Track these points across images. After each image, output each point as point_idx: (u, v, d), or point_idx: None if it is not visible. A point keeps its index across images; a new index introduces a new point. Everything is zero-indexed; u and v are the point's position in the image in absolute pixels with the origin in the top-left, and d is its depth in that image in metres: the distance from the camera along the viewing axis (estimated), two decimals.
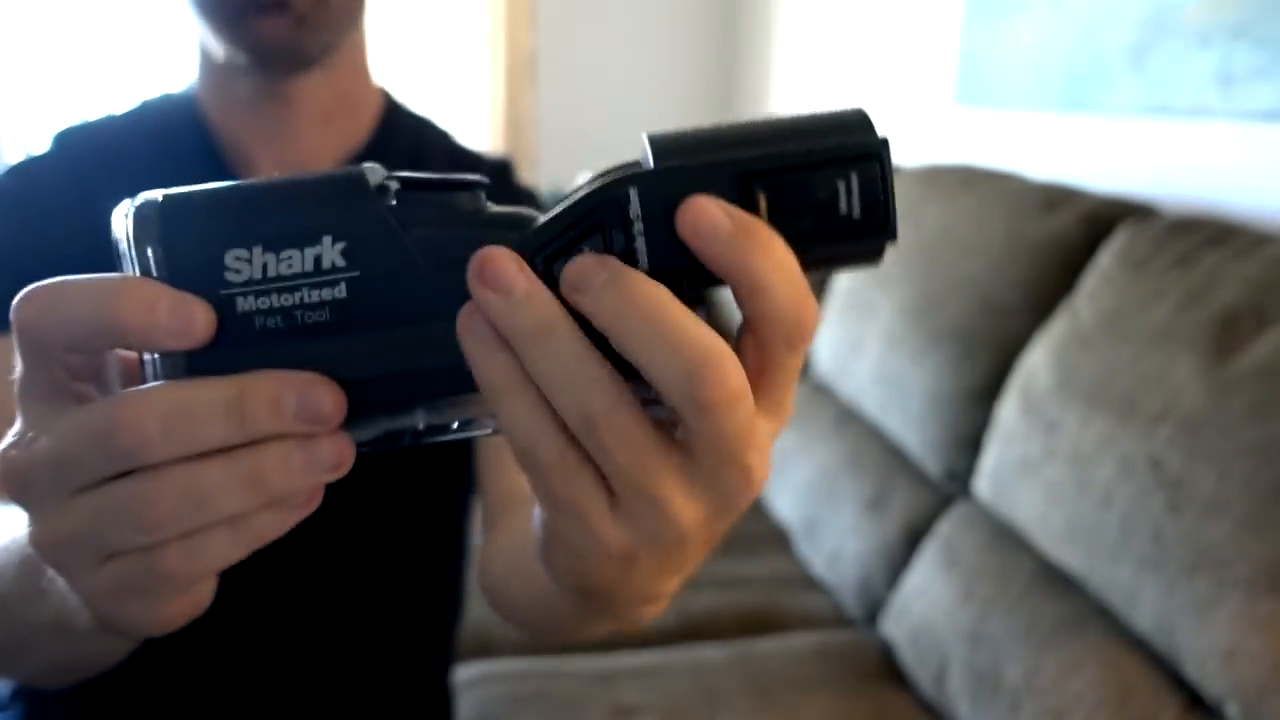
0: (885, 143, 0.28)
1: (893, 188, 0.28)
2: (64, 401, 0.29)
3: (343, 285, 0.28)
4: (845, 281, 1.67)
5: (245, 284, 0.28)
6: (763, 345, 0.27)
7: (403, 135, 0.76)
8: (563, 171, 2.81)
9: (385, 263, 0.28)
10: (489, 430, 0.31)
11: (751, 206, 0.28)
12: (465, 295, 0.28)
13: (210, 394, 0.27)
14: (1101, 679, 0.95)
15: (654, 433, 0.27)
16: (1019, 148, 1.71)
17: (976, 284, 1.32)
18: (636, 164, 0.29)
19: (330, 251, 0.28)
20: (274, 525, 0.29)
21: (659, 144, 0.29)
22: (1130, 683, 0.94)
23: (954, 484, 1.33)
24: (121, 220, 0.29)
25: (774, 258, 0.27)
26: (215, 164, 0.70)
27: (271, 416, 0.28)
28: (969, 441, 1.29)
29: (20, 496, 0.30)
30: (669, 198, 0.28)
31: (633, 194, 0.28)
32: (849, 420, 1.59)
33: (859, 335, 1.56)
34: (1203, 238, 1.06)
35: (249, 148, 0.71)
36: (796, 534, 1.59)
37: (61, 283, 0.28)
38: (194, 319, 0.28)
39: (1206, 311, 0.97)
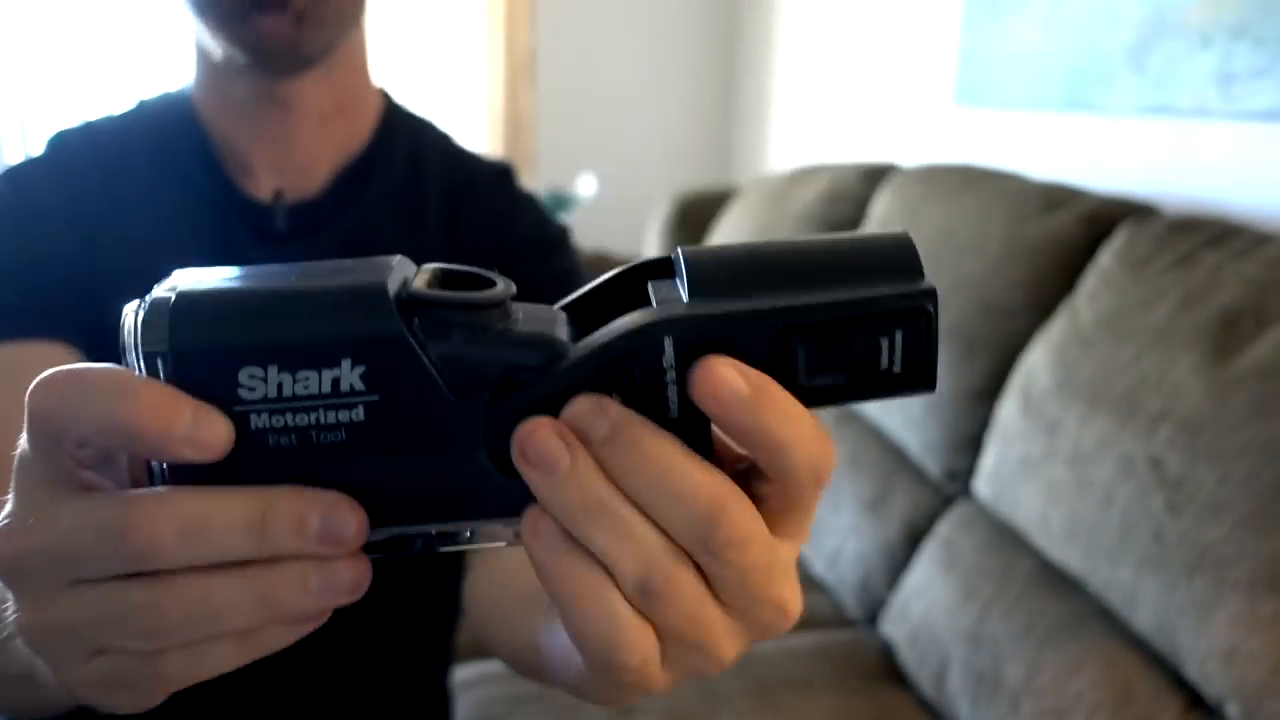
0: (933, 293, 0.27)
1: (937, 342, 0.28)
2: (68, 488, 0.28)
3: (361, 409, 0.27)
4: None
5: (259, 401, 0.27)
6: (784, 491, 0.28)
7: (402, 138, 0.76)
8: (562, 172, 2.81)
9: (406, 388, 0.27)
10: (502, 543, 0.31)
11: (788, 360, 0.27)
12: (484, 422, 0.28)
13: (232, 506, 0.27)
14: (1101, 679, 0.95)
15: (703, 587, 0.28)
16: (1019, 148, 1.71)
17: (976, 284, 1.32)
18: (666, 267, 0.28)
19: (349, 374, 0.27)
20: (281, 639, 0.29)
21: (695, 270, 0.27)
22: (1130, 683, 0.94)
23: (954, 484, 1.33)
24: (130, 319, 0.27)
25: (791, 420, 0.26)
26: (211, 167, 0.70)
27: (294, 536, 0.27)
28: (969, 441, 1.29)
29: (10, 579, 0.28)
30: (705, 346, 0.27)
31: (668, 343, 0.27)
32: (849, 420, 1.59)
33: None
34: (1203, 238, 1.06)
35: (246, 150, 0.70)
36: None
37: (81, 373, 0.27)
38: (215, 434, 0.26)
39: (1207, 311, 0.97)
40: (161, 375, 0.27)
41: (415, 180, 0.75)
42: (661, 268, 0.30)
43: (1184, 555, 0.88)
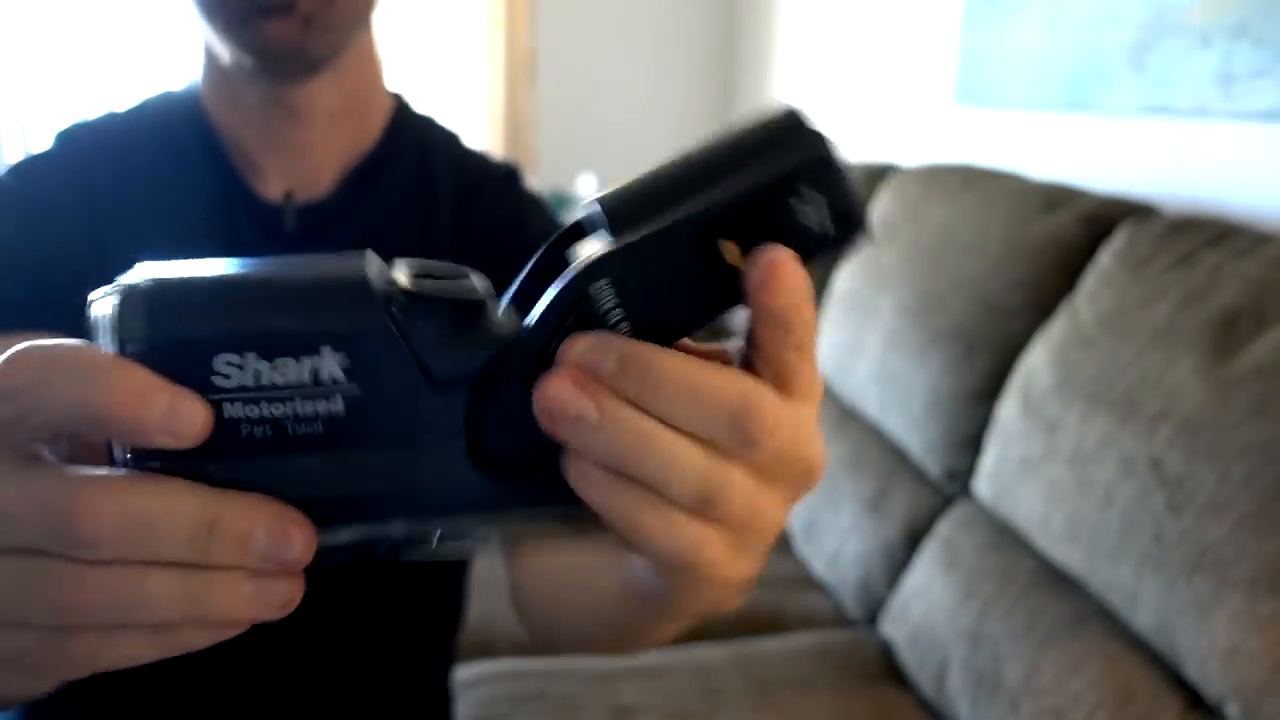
0: (822, 140, 0.27)
1: (851, 183, 0.27)
2: (11, 456, 0.27)
3: (339, 399, 0.27)
4: (845, 282, 1.67)
5: (235, 390, 0.26)
6: (789, 358, 0.28)
7: (410, 139, 0.75)
8: (562, 172, 2.81)
9: (386, 379, 0.27)
10: (470, 545, 0.30)
11: (719, 258, 0.27)
12: (464, 416, 0.28)
13: (181, 510, 0.26)
14: (1101, 679, 0.95)
15: (750, 476, 0.29)
16: (1019, 148, 1.71)
17: (976, 284, 1.32)
18: (593, 222, 0.29)
19: (329, 363, 0.26)
20: (199, 641, 0.28)
21: (610, 212, 0.28)
22: (1130, 683, 0.94)
23: (954, 484, 1.33)
24: (103, 304, 0.26)
25: (799, 286, 0.27)
26: (220, 166, 0.70)
27: (237, 550, 0.26)
28: (969, 441, 1.29)
29: None
30: (638, 274, 0.27)
31: (604, 285, 0.27)
32: (849, 420, 1.59)
33: (859, 335, 1.56)
34: (1203, 238, 1.06)
35: (255, 151, 0.70)
36: (796, 534, 1.59)
37: (52, 351, 0.26)
38: (192, 420, 0.26)
39: (1206, 311, 0.97)
40: (136, 360, 0.26)
41: (424, 180, 0.75)
42: (582, 230, 0.31)
43: (1184, 555, 0.88)
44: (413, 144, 0.75)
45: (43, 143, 0.70)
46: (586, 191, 2.66)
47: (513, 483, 0.29)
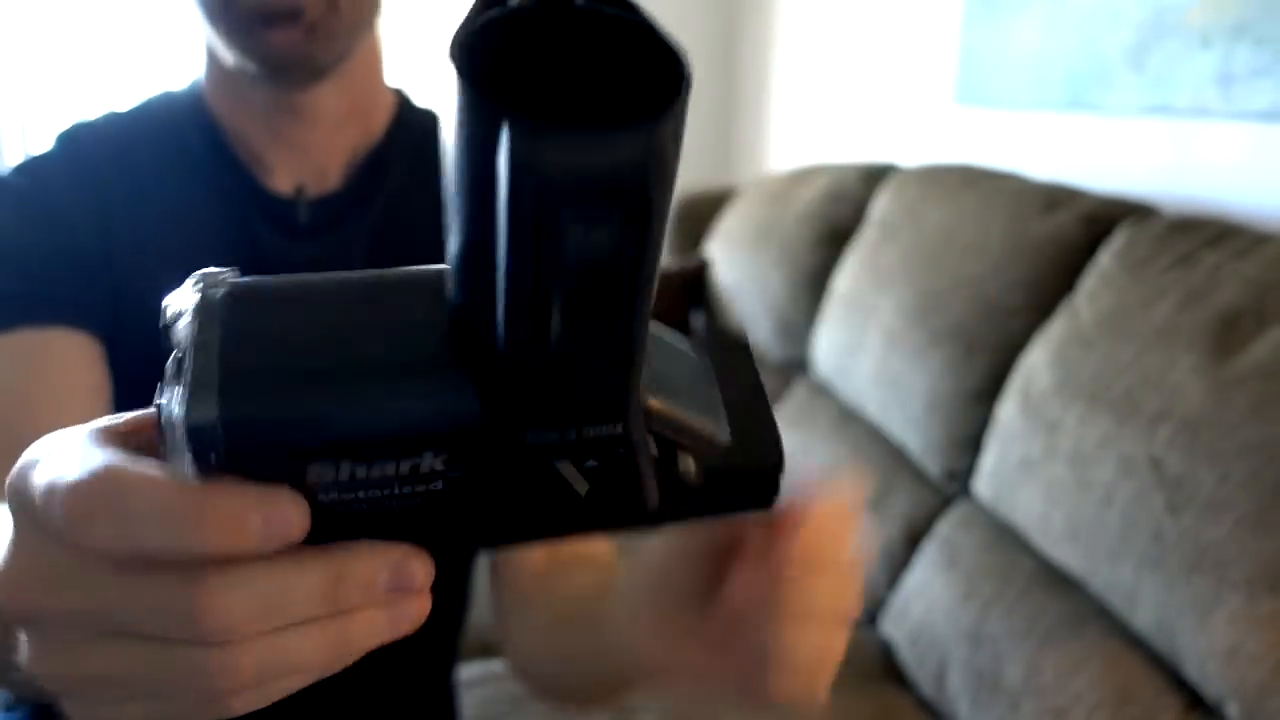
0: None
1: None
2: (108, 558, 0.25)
3: (440, 483, 0.26)
4: (845, 281, 1.67)
5: (329, 486, 0.25)
6: None
7: (414, 133, 0.76)
8: None
9: (488, 468, 0.26)
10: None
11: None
12: (555, 479, 0.26)
13: (307, 576, 0.25)
14: (1101, 679, 0.95)
15: None
16: (1019, 148, 1.71)
17: (976, 284, 1.32)
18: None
19: (429, 460, 0.25)
20: (339, 667, 0.28)
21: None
22: (1130, 683, 0.94)
23: (954, 484, 1.33)
24: (175, 400, 0.24)
25: None
26: (229, 162, 0.70)
27: (365, 595, 0.26)
28: (969, 441, 1.29)
29: (27, 629, 0.26)
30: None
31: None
32: (849, 420, 1.59)
33: (859, 335, 1.56)
34: (1203, 238, 1.06)
35: (262, 148, 0.70)
36: None
37: (122, 486, 0.24)
38: (289, 525, 0.24)
39: (1206, 311, 0.97)
40: (220, 470, 0.24)
41: (430, 171, 0.75)
42: None
43: (1184, 555, 0.88)
44: (417, 137, 0.76)
45: (43, 143, 0.70)
46: None
47: (597, 502, 0.27)
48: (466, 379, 0.24)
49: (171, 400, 0.24)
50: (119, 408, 0.63)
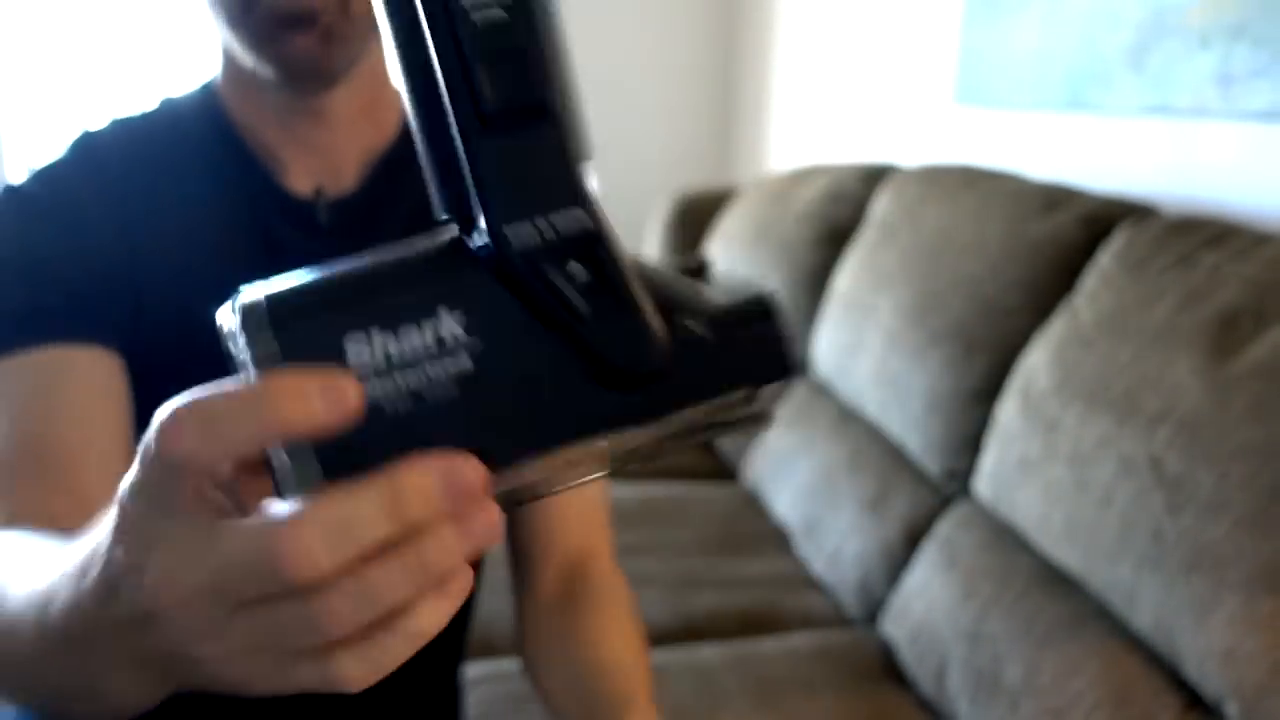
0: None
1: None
2: (197, 516, 0.29)
3: (466, 356, 0.29)
4: (845, 282, 1.67)
5: (369, 368, 0.28)
6: None
7: None
8: None
9: (504, 327, 0.29)
10: (601, 474, 0.33)
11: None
12: (580, 346, 0.29)
13: (367, 501, 0.27)
14: (1101, 679, 0.96)
15: None
16: (1019, 148, 1.71)
17: (976, 284, 1.32)
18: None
19: (448, 324, 0.29)
20: (440, 616, 0.30)
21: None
22: (1130, 682, 0.94)
23: (954, 484, 1.33)
24: (228, 320, 0.29)
25: None
26: (247, 164, 0.70)
27: (424, 505, 0.28)
28: (969, 441, 1.29)
29: (173, 626, 0.29)
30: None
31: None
32: (849, 420, 1.59)
33: (859, 335, 1.56)
34: (1203, 238, 1.06)
35: (279, 150, 0.71)
36: (796, 534, 1.59)
37: (204, 403, 0.27)
38: (347, 393, 0.27)
39: (1206, 311, 0.97)
40: (271, 364, 0.28)
41: None
42: None
43: (1183, 555, 0.88)
44: None
45: (55, 149, 0.70)
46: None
47: (628, 396, 0.30)
48: (461, 247, 0.29)
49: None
50: (140, 417, 0.63)
